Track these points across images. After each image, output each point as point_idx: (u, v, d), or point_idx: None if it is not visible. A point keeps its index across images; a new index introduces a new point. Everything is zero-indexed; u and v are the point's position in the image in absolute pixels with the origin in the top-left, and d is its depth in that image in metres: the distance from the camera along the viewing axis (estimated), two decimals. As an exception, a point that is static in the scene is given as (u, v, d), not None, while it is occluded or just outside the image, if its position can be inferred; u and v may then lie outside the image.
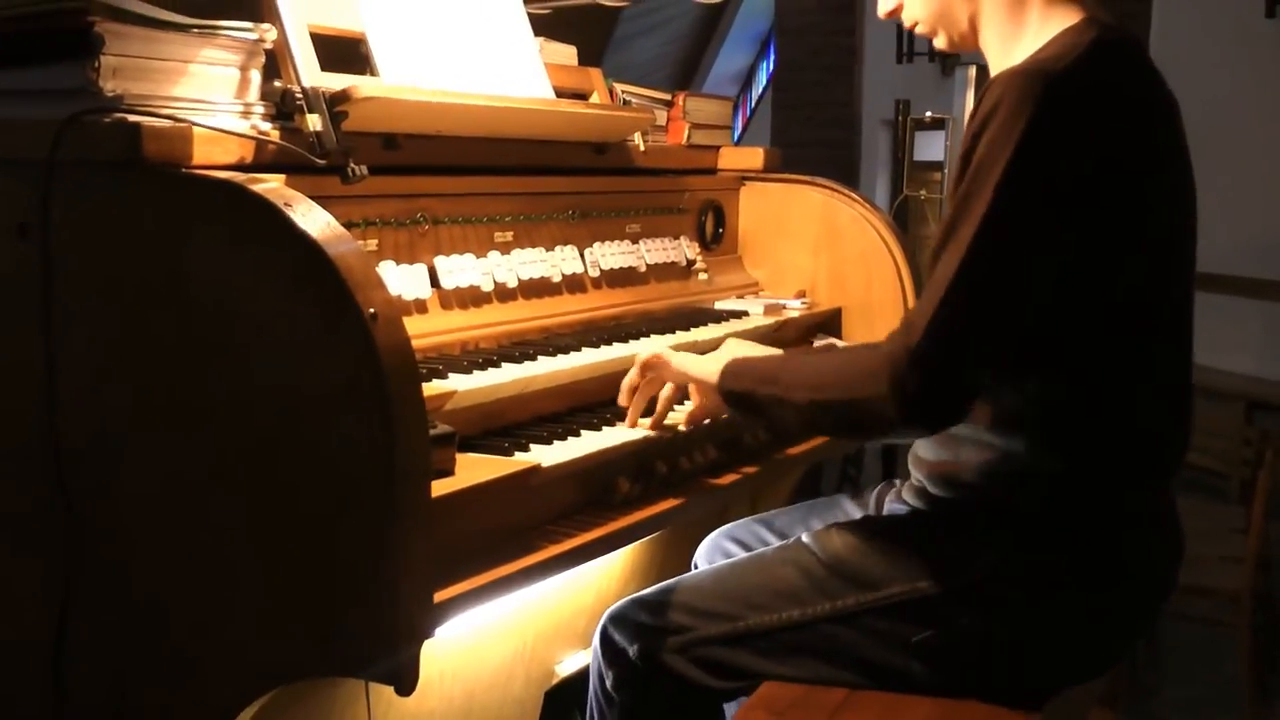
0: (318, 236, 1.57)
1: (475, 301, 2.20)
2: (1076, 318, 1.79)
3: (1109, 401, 1.83)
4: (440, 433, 1.70)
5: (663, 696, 1.96)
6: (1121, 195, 1.76)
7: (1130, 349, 1.83)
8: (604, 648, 2.01)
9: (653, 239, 2.68)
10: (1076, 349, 1.81)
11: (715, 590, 2.00)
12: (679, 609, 1.98)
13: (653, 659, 1.96)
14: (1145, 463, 1.88)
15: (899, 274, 2.84)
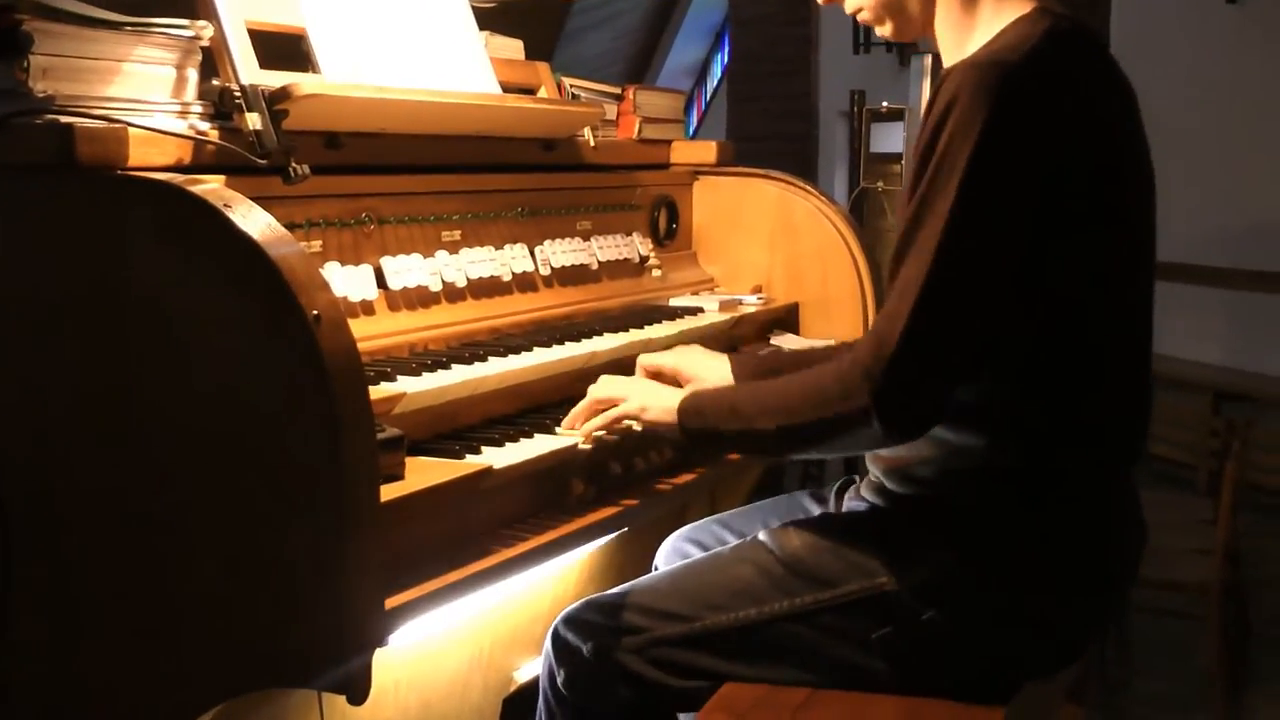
0: (258, 238, 1.58)
1: (423, 302, 2.21)
2: (1032, 312, 1.81)
3: (1063, 395, 1.86)
4: (388, 436, 1.70)
5: (616, 697, 1.97)
6: (1081, 187, 1.79)
7: (1087, 341, 1.86)
8: (555, 647, 2.02)
9: (604, 236, 2.69)
10: (1031, 343, 1.83)
11: (672, 590, 2.01)
12: (635, 610, 1.99)
13: (607, 658, 1.96)
14: (1102, 455, 1.91)
15: (856, 268, 2.87)
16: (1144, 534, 2.01)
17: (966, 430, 1.86)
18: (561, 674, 1.99)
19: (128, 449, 1.66)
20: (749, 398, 1.93)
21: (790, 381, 1.91)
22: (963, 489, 1.88)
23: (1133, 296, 1.92)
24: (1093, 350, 1.87)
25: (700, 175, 3.04)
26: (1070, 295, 1.83)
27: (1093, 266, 1.83)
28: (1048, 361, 1.85)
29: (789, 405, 1.86)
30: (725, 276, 3.00)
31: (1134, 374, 1.94)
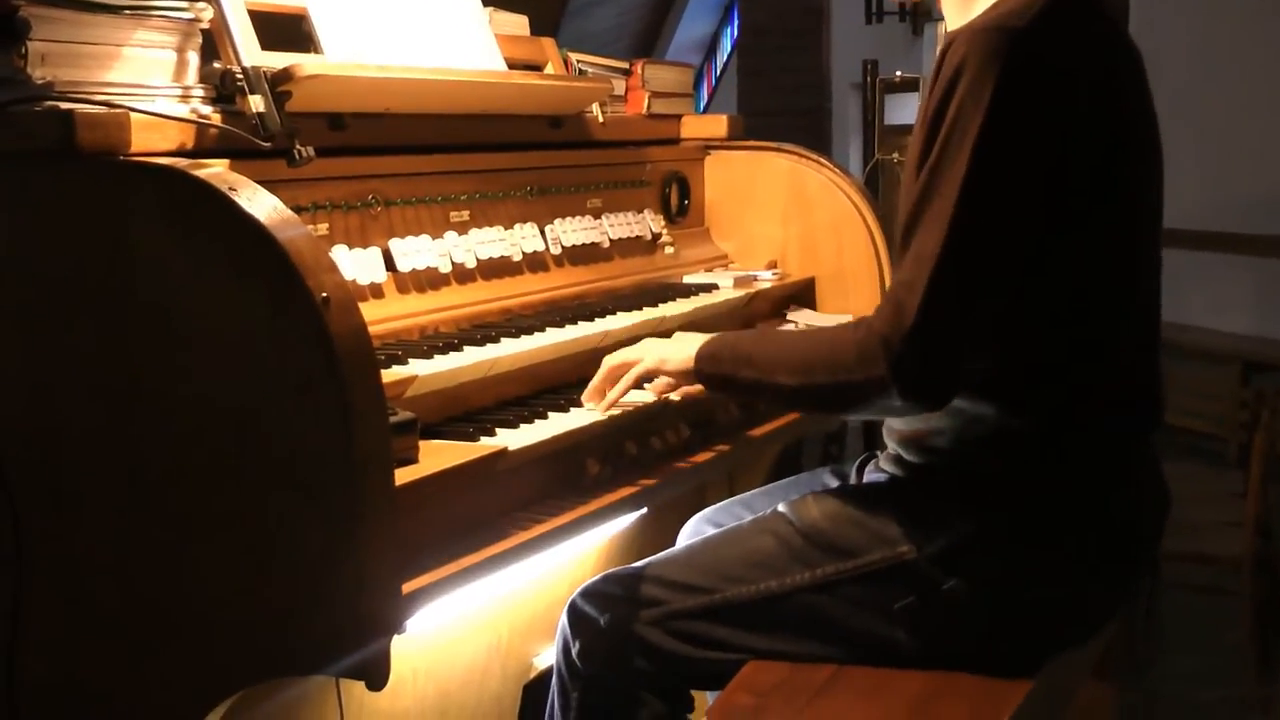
0: (265, 221, 1.59)
1: (433, 284, 2.23)
2: (1044, 279, 1.83)
3: (1077, 361, 1.88)
4: (401, 420, 1.72)
5: (633, 669, 1.99)
6: (1091, 152, 1.81)
7: (1098, 307, 1.88)
8: (571, 619, 2.04)
9: (615, 213, 2.71)
10: (1043, 310, 1.85)
11: (691, 563, 2.04)
12: (654, 582, 2.02)
13: (625, 629, 1.99)
14: (1118, 420, 1.93)
15: (872, 240, 2.88)
16: (1167, 499, 2.03)
17: (981, 399, 1.87)
18: (577, 645, 2.02)
19: (136, 439, 1.68)
20: (768, 349, 1.96)
21: (810, 339, 1.93)
22: (979, 457, 1.90)
23: (1143, 260, 1.95)
24: (1105, 314, 1.89)
25: (711, 150, 3.05)
26: (1082, 261, 1.84)
27: (1103, 231, 1.85)
28: (1060, 328, 1.87)
29: (807, 365, 1.89)
30: (739, 252, 3.01)
31: (1146, 338, 1.97)
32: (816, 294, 2.93)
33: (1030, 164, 1.77)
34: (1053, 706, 2.10)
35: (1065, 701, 2.21)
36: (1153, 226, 1.96)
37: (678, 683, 2.03)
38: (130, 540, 1.70)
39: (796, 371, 1.90)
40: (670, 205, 2.91)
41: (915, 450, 1.96)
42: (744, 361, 1.97)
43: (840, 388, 1.85)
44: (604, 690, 2.02)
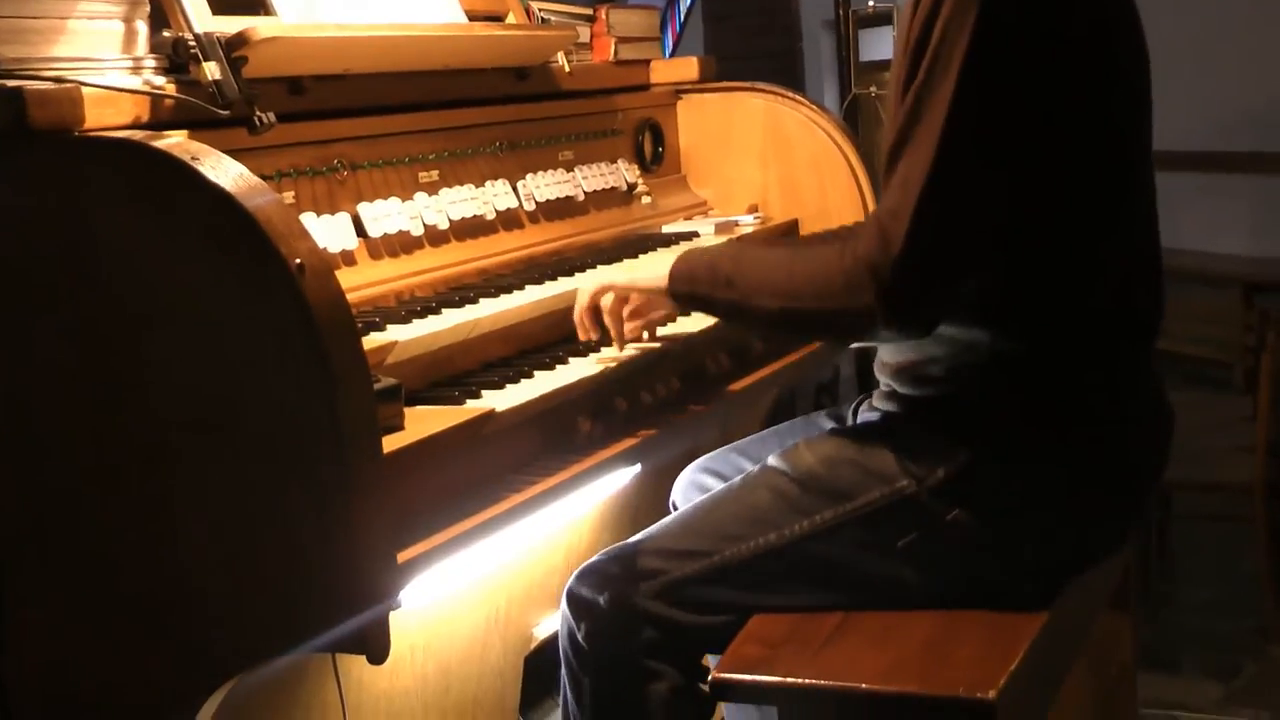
0: (231, 189, 1.61)
1: (406, 248, 2.24)
2: (1033, 197, 1.86)
3: (1068, 280, 1.91)
4: (385, 387, 1.74)
5: (640, 644, 2.00)
6: (1078, 66, 1.83)
7: (1090, 228, 1.91)
8: (571, 605, 2.05)
9: (588, 165, 2.73)
10: (1033, 230, 1.88)
11: (685, 530, 2.06)
12: (650, 554, 2.04)
13: (626, 605, 2.01)
14: (1114, 338, 1.97)
15: (855, 177, 2.90)
16: (1170, 418, 2.07)
17: (975, 325, 1.91)
18: (582, 629, 2.03)
19: (113, 422, 1.69)
20: (748, 272, 1.97)
21: (792, 261, 1.94)
22: (975, 383, 1.93)
23: (1132, 175, 1.97)
24: (1096, 231, 1.92)
25: (683, 95, 3.07)
26: (1071, 177, 1.87)
27: (1092, 147, 1.88)
28: (1051, 247, 1.90)
29: (791, 290, 1.91)
30: (718, 198, 3.03)
31: (1141, 250, 2.00)
32: (800, 235, 2.95)
33: (1016, 85, 1.80)
34: (1070, 639, 2.14)
35: (1083, 633, 2.25)
36: (1143, 139, 1.99)
37: (688, 650, 2.05)
38: (113, 528, 1.72)
39: (780, 295, 1.92)
40: (644, 154, 2.93)
41: (909, 382, 1.99)
42: (723, 283, 1.99)
43: (826, 315, 1.88)
44: (615, 670, 2.03)
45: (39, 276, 1.72)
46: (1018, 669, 1.80)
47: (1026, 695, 1.88)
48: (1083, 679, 2.44)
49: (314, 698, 2.08)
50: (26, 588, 1.78)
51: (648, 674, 2.01)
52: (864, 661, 1.85)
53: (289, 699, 2.04)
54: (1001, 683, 1.75)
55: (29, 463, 1.75)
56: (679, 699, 2.01)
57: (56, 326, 1.71)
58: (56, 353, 1.72)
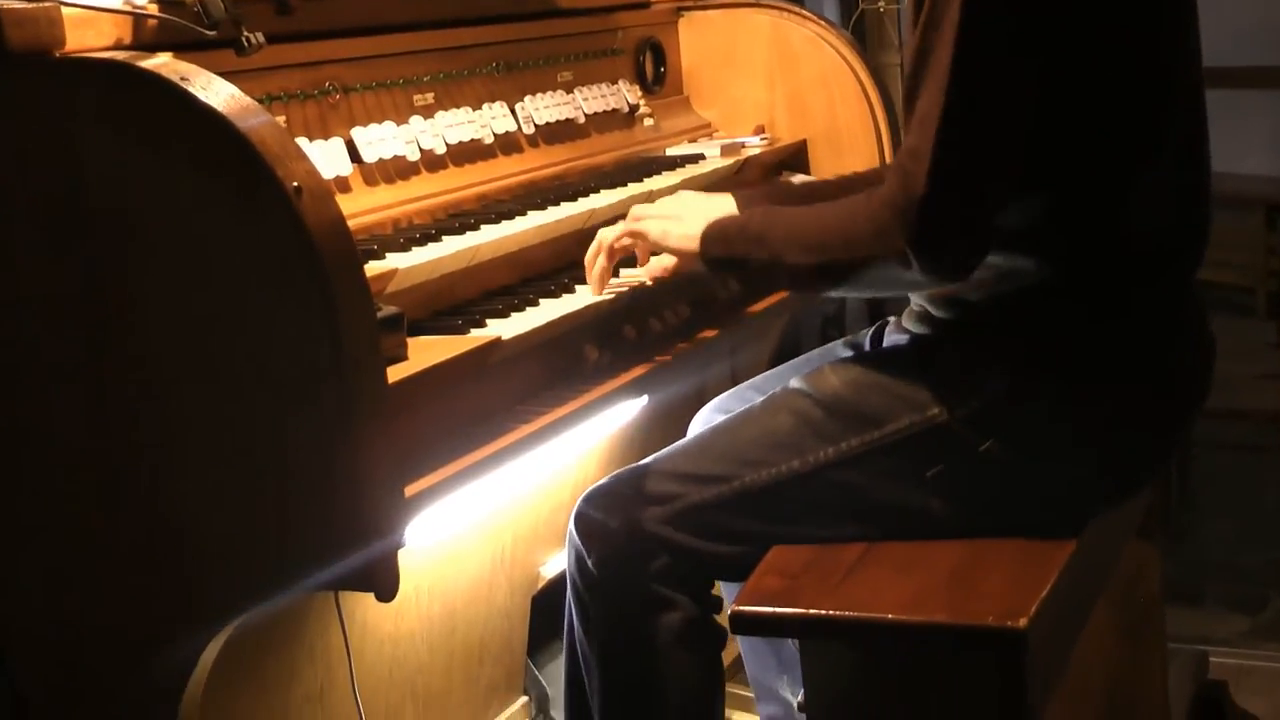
0: (224, 110, 1.60)
1: (402, 174, 2.23)
2: (1066, 120, 1.85)
3: (1109, 204, 1.90)
4: (388, 315, 1.73)
5: (653, 570, 2.00)
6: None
7: (1127, 144, 1.90)
8: (580, 527, 2.04)
9: (588, 86, 2.71)
10: (1070, 153, 1.87)
11: (703, 453, 2.06)
12: (666, 477, 2.03)
13: (640, 531, 2.00)
14: (1155, 262, 1.96)
15: (865, 94, 2.89)
16: (1211, 345, 2.06)
17: (1017, 252, 1.90)
18: (591, 555, 2.02)
19: (105, 358, 1.69)
20: (779, 227, 1.97)
21: (822, 214, 1.95)
22: (1014, 310, 1.92)
23: (1173, 89, 1.95)
24: (1136, 151, 1.91)
25: (684, 12, 3.04)
26: (1107, 97, 1.86)
27: (1126, 63, 1.86)
28: (1089, 170, 1.89)
29: (822, 241, 1.91)
30: (723, 119, 3.01)
31: (1187, 173, 1.98)
32: (810, 157, 2.94)
33: (1024, 5, 1.79)
34: (1099, 568, 2.15)
35: (1111, 563, 2.26)
36: (1188, 48, 1.97)
37: (702, 579, 2.05)
38: (110, 468, 1.72)
39: (811, 249, 1.92)
40: (646, 74, 2.91)
41: (944, 306, 1.98)
42: (754, 242, 1.98)
43: (858, 264, 1.88)
44: (625, 598, 2.02)
45: (21, 206, 1.71)
46: (1047, 598, 1.80)
47: (1056, 625, 1.89)
48: (1109, 610, 2.46)
49: (318, 640, 2.08)
50: (21, 528, 1.78)
51: (659, 603, 2.01)
52: (889, 592, 1.85)
53: (292, 642, 2.05)
54: (1032, 611, 1.76)
55: (18, 398, 1.75)
56: (691, 629, 2.02)
57: (41, 257, 1.71)
58: (42, 285, 1.71)
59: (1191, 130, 1.99)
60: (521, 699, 2.57)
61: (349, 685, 2.08)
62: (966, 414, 1.92)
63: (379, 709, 2.21)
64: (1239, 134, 7.03)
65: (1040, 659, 1.83)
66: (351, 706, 2.10)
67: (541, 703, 2.58)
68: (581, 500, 2.08)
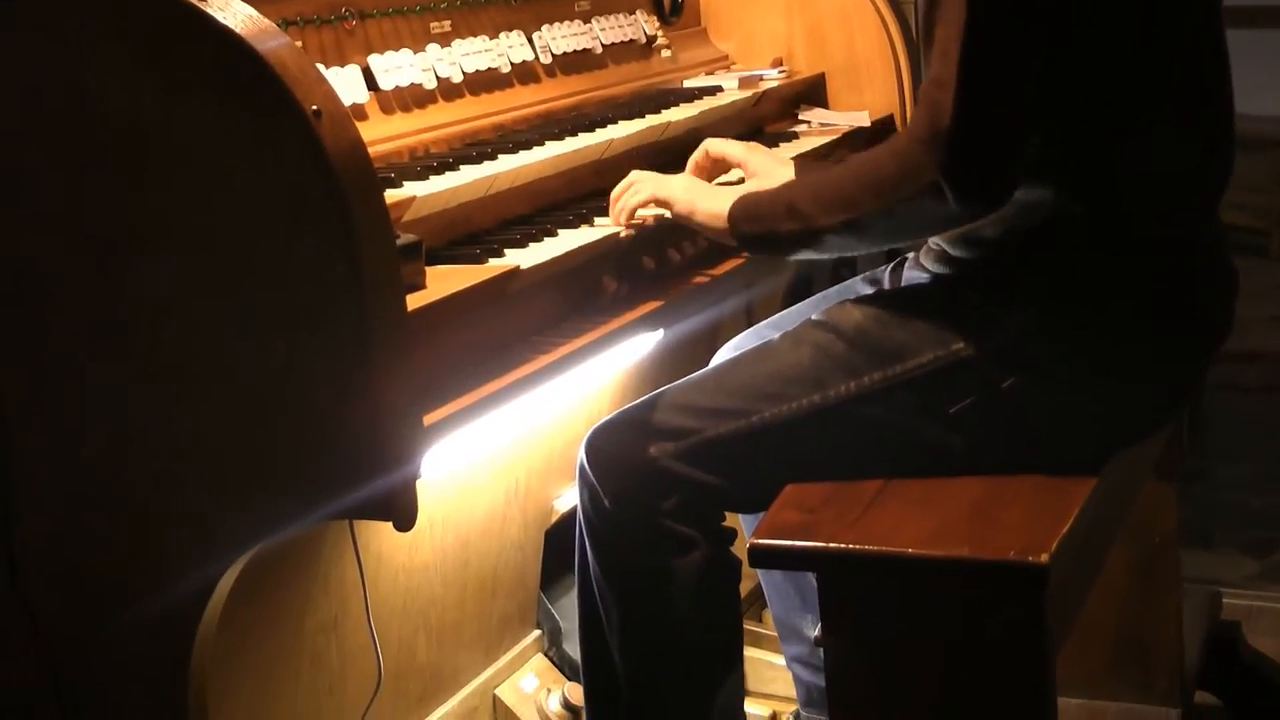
0: (242, 32, 1.57)
1: (419, 102, 2.21)
2: (1082, 45, 1.83)
3: (1128, 134, 1.89)
4: (406, 242, 1.72)
5: (668, 507, 1.97)
6: None
7: (1146, 73, 1.88)
8: (592, 461, 2.01)
9: (605, 16, 2.68)
10: (1087, 81, 1.85)
11: (720, 386, 2.03)
12: (678, 411, 2.00)
13: (653, 465, 1.97)
14: (1175, 194, 1.94)
15: (885, 26, 2.87)
16: (1234, 279, 2.05)
17: (1035, 184, 1.88)
18: (604, 490, 1.99)
19: (120, 287, 1.67)
20: (806, 194, 1.94)
21: (845, 171, 1.93)
22: (1035, 245, 1.91)
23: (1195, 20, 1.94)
24: (1155, 81, 1.90)
25: (703, -58, 3.02)
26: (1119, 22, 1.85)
27: None
28: (1107, 99, 1.87)
29: (850, 197, 1.88)
30: (741, 52, 2.99)
31: (1204, 106, 1.97)
32: (828, 90, 2.93)
33: None
34: (1118, 505, 2.15)
35: (1129, 501, 2.26)
36: None
37: (715, 514, 2.03)
38: (126, 397, 1.71)
39: (840, 208, 1.89)
40: (663, 5, 2.89)
41: (962, 243, 1.96)
42: (784, 213, 1.95)
43: (891, 211, 1.85)
44: (639, 534, 1.99)
45: (37, 136, 1.69)
46: (1069, 534, 1.80)
47: (1076, 562, 1.89)
48: (1127, 549, 2.46)
49: (332, 570, 2.08)
50: (35, 458, 1.77)
51: (673, 538, 1.99)
52: (909, 526, 1.84)
53: (307, 572, 2.05)
54: (1054, 546, 1.75)
55: (33, 327, 1.74)
56: (706, 564, 2.00)
57: (57, 186, 1.69)
58: (57, 214, 1.70)
59: (1210, 62, 1.98)
60: (534, 632, 2.57)
61: (363, 615, 2.08)
62: (990, 350, 1.90)
63: (392, 640, 2.21)
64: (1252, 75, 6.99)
65: (1060, 594, 1.83)
66: (365, 637, 2.10)
67: (554, 635, 2.58)
68: (592, 432, 2.05)
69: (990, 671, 1.82)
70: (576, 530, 2.08)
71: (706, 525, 2.02)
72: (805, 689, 2.31)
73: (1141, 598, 2.54)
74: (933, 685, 1.85)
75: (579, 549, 2.09)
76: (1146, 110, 1.89)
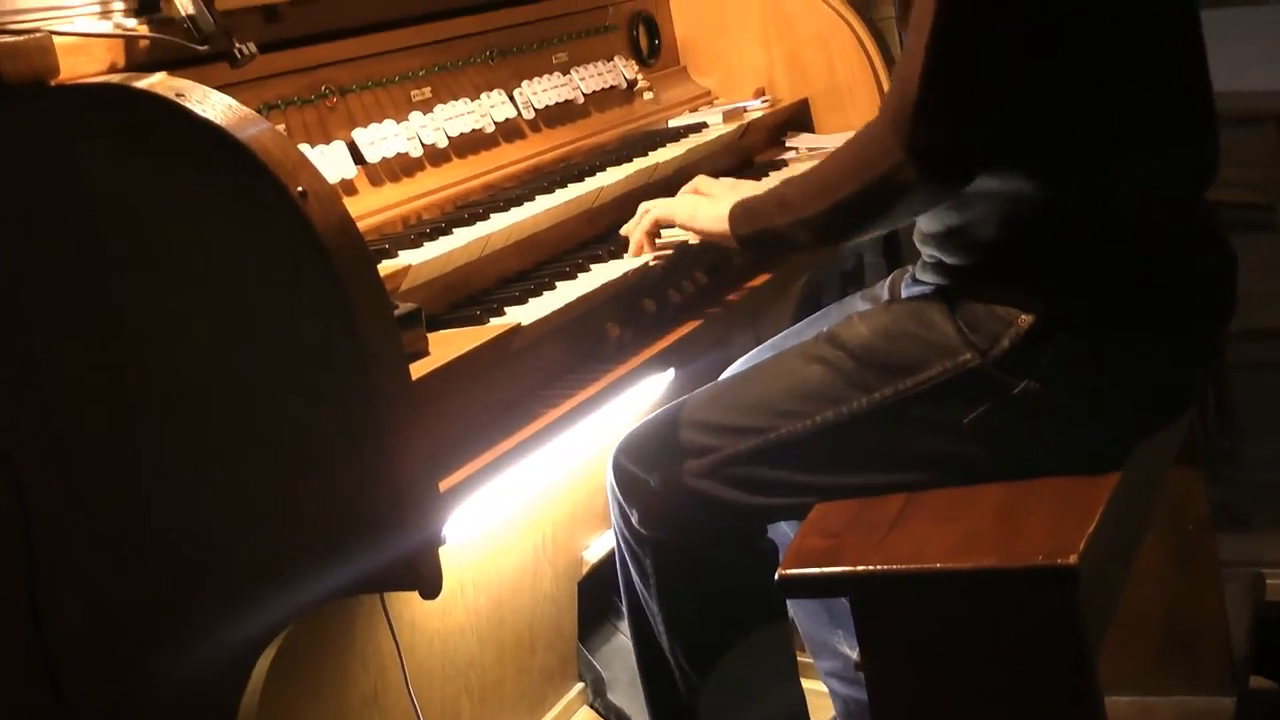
0: (222, 123, 1.59)
1: (407, 170, 2.23)
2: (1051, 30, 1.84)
3: (1111, 121, 1.89)
4: (405, 311, 1.73)
5: (699, 524, 2.02)
6: None
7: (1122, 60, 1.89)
8: (620, 482, 2.08)
9: (584, 65, 2.70)
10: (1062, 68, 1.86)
11: (735, 402, 2.06)
12: (698, 428, 2.05)
13: (679, 485, 2.02)
14: (1166, 180, 1.95)
15: (863, 48, 2.87)
16: (1232, 259, 2.05)
17: (1017, 174, 1.89)
18: (635, 513, 2.06)
19: (128, 376, 1.69)
20: (795, 187, 1.99)
21: (828, 159, 1.97)
22: (1028, 240, 1.92)
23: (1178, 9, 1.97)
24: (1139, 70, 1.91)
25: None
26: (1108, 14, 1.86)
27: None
28: (1084, 87, 1.88)
29: (831, 182, 1.92)
30: (723, 86, 3.01)
31: (1189, 90, 1.98)
32: (813, 114, 2.94)
33: None
34: (1144, 498, 2.14)
35: (1155, 492, 2.25)
36: None
37: (747, 529, 2.08)
38: (142, 484, 1.72)
39: (824, 194, 1.93)
40: (641, 48, 2.91)
41: (956, 249, 1.97)
42: (776, 208, 1.99)
43: (865, 193, 1.88)
44: (675, 549, 2.06)
45: (31, 238, 1.71)
46: (1095, 532, 1.80)
47: (1106, 559, 1.88)
48: (1159, 540, 2.45)
49: (368, 643, 2.09)
50: (61, 550, 1.78)
51: (709, 550, 2.04)
52: (934, 541, 1.84)
53: (343, 646, 2.06)
54: (1081, 547, 1.75)
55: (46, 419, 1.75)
56: (744, 568, 2.05)
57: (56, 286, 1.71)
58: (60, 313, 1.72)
59: (1188, 48, 2.00)
60: (577, 685, 2.57)
61: (403, 685, 2.09)
62: (997, 355, 1.91)
63: (434, 706, 2.21)
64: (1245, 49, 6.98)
65: (1093, 594, 1.82)
66: (408, 705, 2.11)
67: (598, 686, 2.58)
68: (618, 450, 2.11)
69: (1032, 677, 1.82)
70: (616, 548, 2.15)
71: (738, 535, 2.06)
72: (843, 702, 2.32)
73: (1182, 588, 2.53)
74: (977, 696, 1.85)
75: (619, 566, 2.15)
76: (1131, 99, 1.90)
